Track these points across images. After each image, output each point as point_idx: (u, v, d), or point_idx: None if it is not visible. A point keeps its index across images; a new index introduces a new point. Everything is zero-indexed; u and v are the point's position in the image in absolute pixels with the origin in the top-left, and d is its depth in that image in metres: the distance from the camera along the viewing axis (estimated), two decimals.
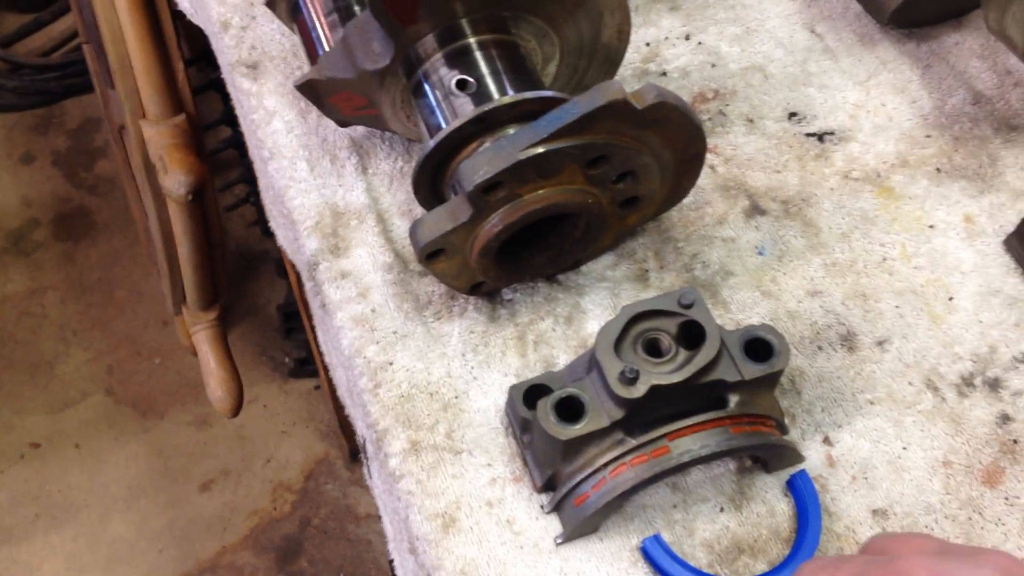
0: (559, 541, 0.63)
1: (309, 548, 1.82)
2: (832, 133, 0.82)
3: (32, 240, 2.21)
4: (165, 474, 1.89)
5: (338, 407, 1.68)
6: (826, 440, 0.67)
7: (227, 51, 0.87)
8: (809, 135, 0.82)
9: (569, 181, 0.66)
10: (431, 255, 0.67)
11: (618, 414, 0.60)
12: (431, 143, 0.67)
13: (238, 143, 1.84)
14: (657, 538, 0.62)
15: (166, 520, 1.84)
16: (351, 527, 1.84)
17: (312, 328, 1.03)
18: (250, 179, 1.91)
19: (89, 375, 2.01)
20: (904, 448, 0.67)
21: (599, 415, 0.60)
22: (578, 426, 0.60)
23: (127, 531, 1.83)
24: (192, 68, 1.86)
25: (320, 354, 1.07)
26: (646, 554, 0.62)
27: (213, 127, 1.96)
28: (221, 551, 1.81)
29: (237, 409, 1.51)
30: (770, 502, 0.65)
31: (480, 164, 0.63)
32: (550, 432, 0.60)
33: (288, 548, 1.82)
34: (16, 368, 2.01)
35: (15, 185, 2.29)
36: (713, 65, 0.86)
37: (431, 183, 0.71)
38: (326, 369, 0.85)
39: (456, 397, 0.69)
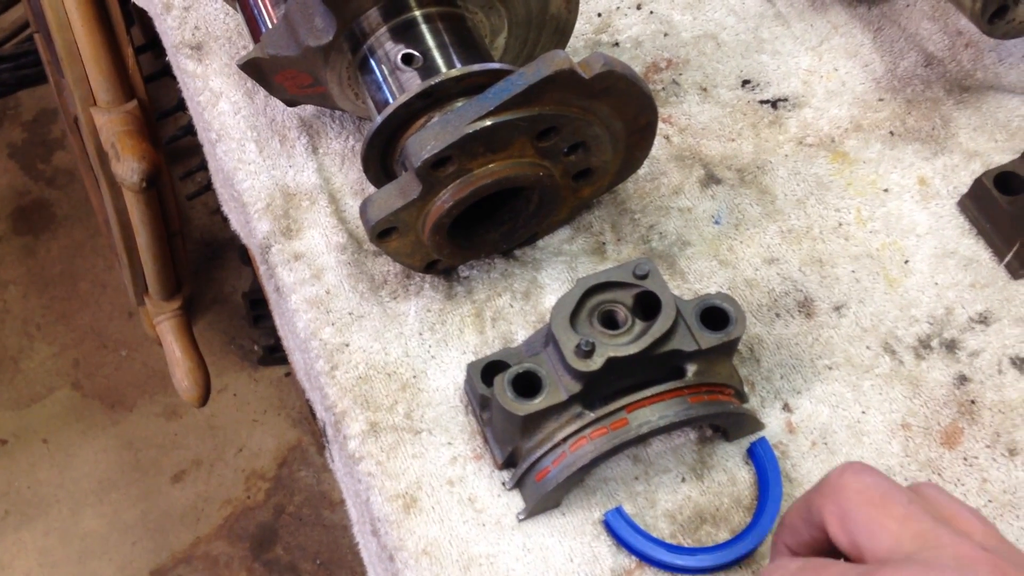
0: (521, 517, 0.63)
1: (284, 535, 1.81)
2: (785, 100, 0.81)
3: None
4: (136, 466, 1.87)
5: None
6: (785, 407, 0.67)
7: (170, 32, 0.85)
8: (763, 102, 0.81)
9: (519, 154, 0.65)
10: (382, 234, 0.66)
11: (576, 388, 0.60)
12: (378, 119, 0.66)
13: None
14: (619, 510, 0.62)
15: (139, 512, 1.82)
16: (326, 513, 1.83)
17: None
18: None
19: (55, 369, 1.98)
20: (863, 412, 0.67)
21: (557, 389, 0.60)
22: (536, 401, 0.59)
23: (99, 525, 1.81)
24: (148, 54, 1.83)
25: None
26: (608, 527, 0.62)
27: (171, 114, 1.93)
28: (196, 541, 1.80)
29: (204, 398, 1.49)
30: (731, 470, 0.65)
31: (427, 139, 0.62)
32: (508, 408, 0.59)
33: (263, 536, 1.81)
34: None
35: None
36: (665, 34, 0.85)
37: (381, 160, 0.69)
38: None
39: (414, 377, 0.68)
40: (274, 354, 1.98)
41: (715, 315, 0.62)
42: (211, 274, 2.11)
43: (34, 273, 2.11)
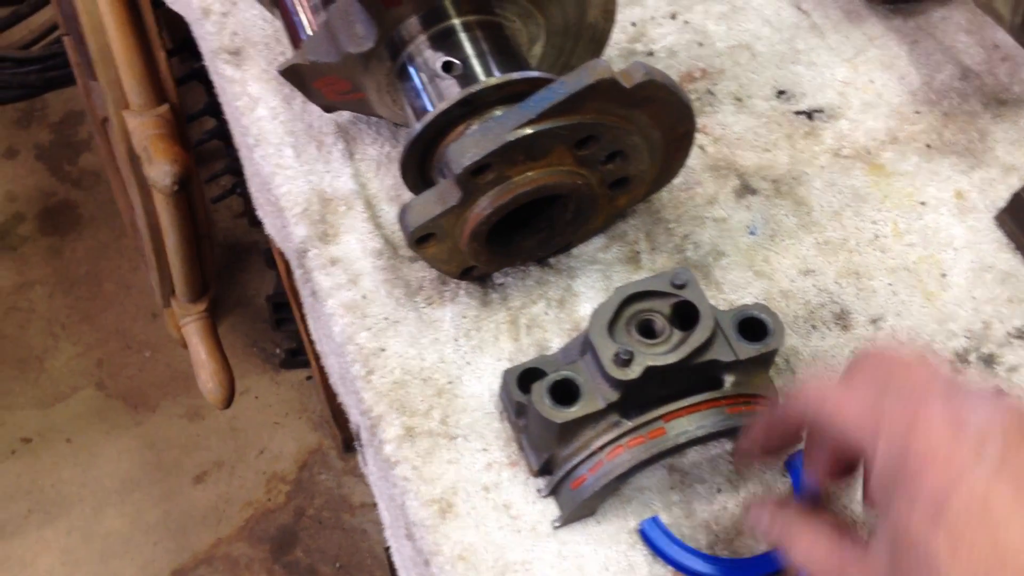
0: (556, 525, 0.63)
1: (304, 538, 1.81)
2: (821, 111, 0.81)
3: (17, 235, 2.19)
4: (158, 467, 1.88)
5: (330, 397, 1.67)
6: None
7: (209, 38, 0.86)
8: (798, 113, 0.81)
9: (558, 162, 0.65)
10: (421, 240, 0.66)
11: (613, 396, 0.60)
12: (418, 126, 0.66)
13: (223, 134, 1.83)
14: (655, 520, 0.62)
15: (160, 513, 1.83)
16: (346, 517, 1.84)
17: (303, 318, 1.03)
18: (236, 170, 1.90)
19: (79, 369, 2.00)
20: None
21: (594, 397, 0.60)
22: (573, 409, 0.59)
23: (121, 524, 1.83)
24: (174, 59, 1.85)
25: (311, 344, 1.06)
26: (645, 536, 0.62)
27: (197, 118, 1.94)
28: (216, 543, 1.81)
29: (229, 400, 1.50)
30: (768, 481, 0.65)
31: (468, 147, 0.62)
32: (545, 415, 0.59)
33: (283, 538, 1.81)
34: (5, 363, 2.00)
35: None
36: (700, 44, 0.86)
37: (419, 167, 0.70)
38: (317, 359, 0.84)
39: (450, 382, 0.68)
40: (296, 357, 1.99)
41: (753, 326, 0.62)
42: (233, 278, 2.12)
43: (60, 273, 2.13)
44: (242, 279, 2.11)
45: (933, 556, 0.42)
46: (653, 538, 0.61)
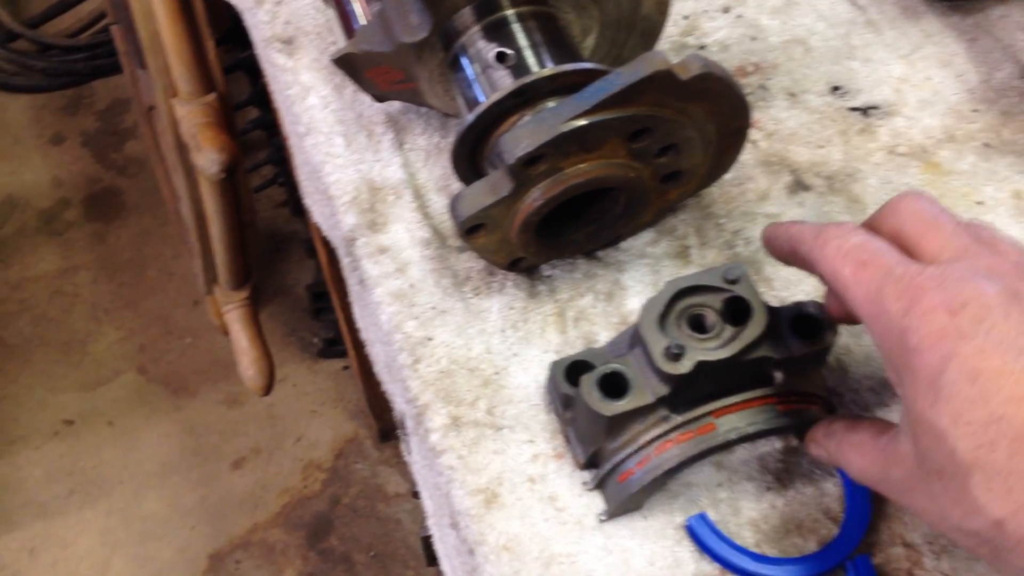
0: (602, 518, 0.62)
1: (339, 526, 1.83)
2: (876, 107, 0.80)
3: (64, 220, 2.23)
4: (197, 452, 1.91)
5: (368, 387, 1.68)
6: None
7: (261, 27, 0.86)
8: (853, 109, 0.80)
9: (611, 155, 0.65)
10: (471, 230, 0.66)
11: (663, 390, 0.59)
12: (471, 116, 0.66)
13: (266, 124, 1.85)
14: (703, 516, 0.61)
15: (198, 497, 1.85)
16: (380, 506, 1.85)
17: (343, 308, 1.03)
18: (278, 160, 1.91)
19: (121, 354, 2.03)
20: None
21: (643, 391, 0.59)
22: (622, 402, 0.59)
23: (160, 507, 1.85)
24: (219, 49, 1.87)
25: (352, 333, 1.06)
26: (692, 532, 0.61)
27: (241, 108, 1.96)
28: (253, 528, 1.83)
29: (269, 388, 1.51)
30: (817, 481, 0.64)
31: (522, 137, 0.62)
32: (594, 408, 0.59)
33: (319, 526, 1.83)
34: (49, 346, 2.04)
35: (46, 166, 2.31)
36: (753, 38, 0.85)
37: (470, 157, 0.70)
38: (356, 349, 0.85)
39: (496, 373, 0.68)
40: (333, 347, 2.00)
41: (806, 323, 0.61)
42: (273, 267, 2.14)
43: (104, 259, 2.16)
44: (282, 268, 2.13)
45: (941, 431, 0.45)
46: (700, 535, 0.61)
